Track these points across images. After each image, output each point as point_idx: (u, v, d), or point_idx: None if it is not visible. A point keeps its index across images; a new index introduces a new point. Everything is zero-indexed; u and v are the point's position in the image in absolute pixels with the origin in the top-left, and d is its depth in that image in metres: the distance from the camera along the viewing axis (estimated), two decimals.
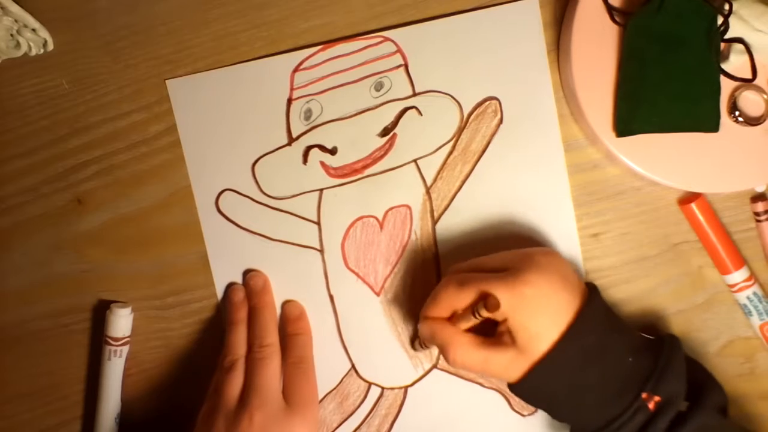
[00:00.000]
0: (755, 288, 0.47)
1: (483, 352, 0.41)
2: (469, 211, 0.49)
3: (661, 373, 0.39)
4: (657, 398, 0.39)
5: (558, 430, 0.48)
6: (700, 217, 0.47)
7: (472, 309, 0.40)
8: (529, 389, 0.41)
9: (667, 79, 0.43)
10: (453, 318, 0.43)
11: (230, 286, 0.50)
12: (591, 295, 0.41)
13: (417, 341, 0.48)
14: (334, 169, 0.50)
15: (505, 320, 0.40)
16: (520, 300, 0.39)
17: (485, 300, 0.39)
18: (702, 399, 0.40)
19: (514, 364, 0.40)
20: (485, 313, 0.39)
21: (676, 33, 0.43)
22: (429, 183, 0.49)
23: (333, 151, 0.49)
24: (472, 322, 0.41)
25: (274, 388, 0.46)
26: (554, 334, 0.39)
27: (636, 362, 0.40)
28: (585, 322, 0.40)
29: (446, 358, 0.42)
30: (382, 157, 0.49)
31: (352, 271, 0.50)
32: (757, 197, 0.48)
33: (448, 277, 0.43)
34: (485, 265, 0.43)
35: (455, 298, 0.42)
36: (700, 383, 0.41)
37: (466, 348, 0.41)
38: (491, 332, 0.42)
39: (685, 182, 0.46)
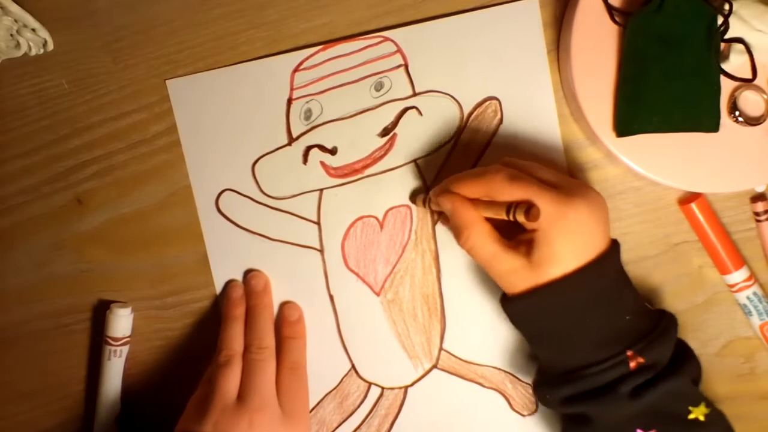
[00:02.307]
0: (755, 288, 0.47)
1: (496, 247, 0.41)
2: None
3: (653, 339, 0.40)
4: (641, 360, 0.39)
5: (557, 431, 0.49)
6: (700, 217, 0.47)
7: (509, 207, 0.39)
8: (523, 308, 0.41)
9: (667, 79, 0.43)
10: (478, 202, 0.42)
11: (229, 283, 0.50)
12: (614, 247, 0.42)
13: (425, 199, 0.47)
14: (334, 169, 0.50)
15: (532, 231, 0.40)
16: (559, 218, 0.39)
17: (529, 207, 0.38)
18: (678, 366, 0.41)
19: (518, 273, 0.40)
20: (520, 218, 0.39)
21: (676, 33, 0.43)
22: (429, 183, 0.49)
23: (333, 151, 0.49)
24: (499, 217, 0.40)
25: (272, 391, 0.46)
26: (571, 265, 0.39)
27: (633, 322, 0.41)
28: (602, 266, 0.40)
29: (459, 237, 0.42)
30: (382, 157, 0.49)
31: (352, 271, 0.50)
32: (757, 197, 0.48)
33: (500, 167, 0.42)
34: (539, 173, 0.43)
35: (498, 188, 0.41)
36: (678, 353, 0.42)
37: (484, 235, 0.41)
38: (503, 235, 0.42)
39: (685, 182, 0.46)
